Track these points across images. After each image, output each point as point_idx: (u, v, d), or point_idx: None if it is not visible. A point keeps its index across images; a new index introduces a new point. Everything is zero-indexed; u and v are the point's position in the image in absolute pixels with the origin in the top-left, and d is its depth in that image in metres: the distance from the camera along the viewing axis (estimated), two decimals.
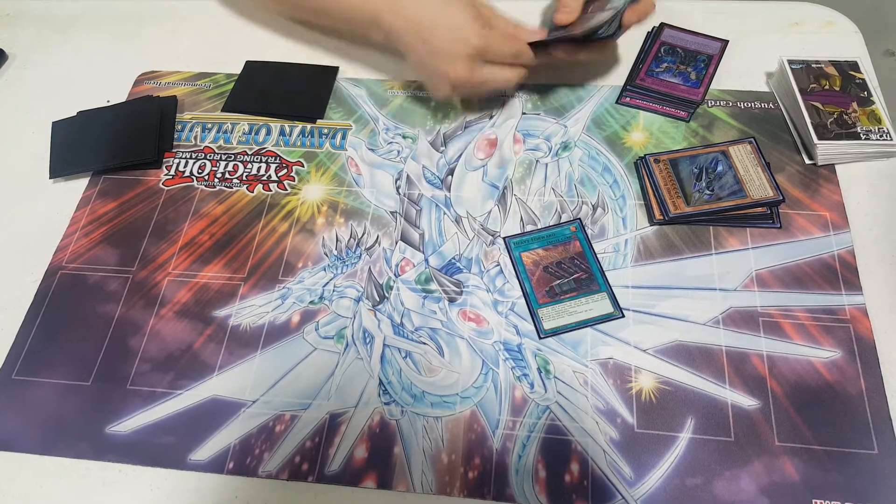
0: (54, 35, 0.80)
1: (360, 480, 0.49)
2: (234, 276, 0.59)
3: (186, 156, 0.67)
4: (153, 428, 0.52)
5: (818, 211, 0.58)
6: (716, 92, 0.66)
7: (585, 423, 0.50)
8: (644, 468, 0.48)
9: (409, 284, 0.57)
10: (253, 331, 0.56)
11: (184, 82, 0.73)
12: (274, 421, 0.52)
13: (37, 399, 0.54)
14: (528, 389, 0.52)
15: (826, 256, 0.56)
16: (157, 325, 0.57)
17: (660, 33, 0.70)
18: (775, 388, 0.50)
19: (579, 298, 0.55)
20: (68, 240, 0.62)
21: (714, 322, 0.54)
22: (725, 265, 0.56)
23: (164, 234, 0.62)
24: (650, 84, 0.66)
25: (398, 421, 0.51)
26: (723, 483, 0.47)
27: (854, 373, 0.51)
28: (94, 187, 0.65)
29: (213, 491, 0.49)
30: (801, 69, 0.64)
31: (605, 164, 0.63)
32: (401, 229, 0.61)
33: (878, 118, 0.60)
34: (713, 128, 0.64)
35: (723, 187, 0.59)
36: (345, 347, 0.55)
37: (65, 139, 0.68)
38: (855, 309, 0.53)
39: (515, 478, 0.48)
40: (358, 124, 0.68)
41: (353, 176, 0.64)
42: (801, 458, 0.48)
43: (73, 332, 0.57)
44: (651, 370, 0.52)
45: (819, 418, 0.49)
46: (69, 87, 0.74)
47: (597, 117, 0.66)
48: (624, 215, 0.60)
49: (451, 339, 0.55)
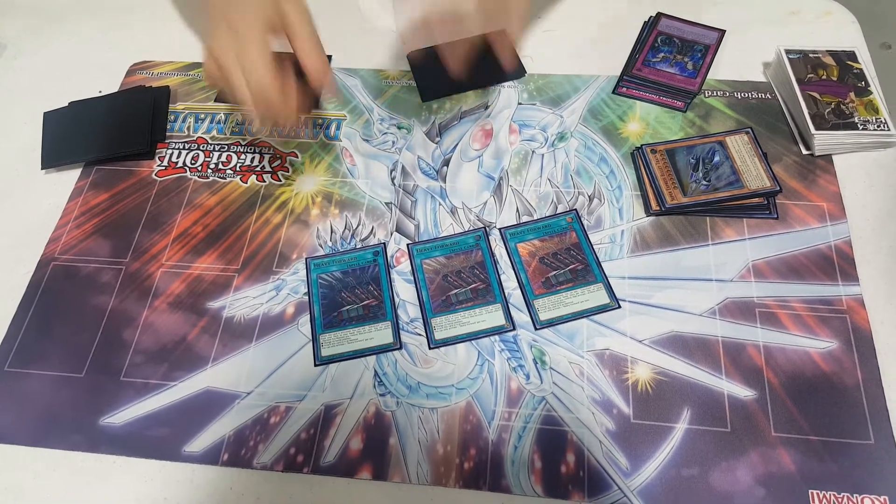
0: (45, 25, 0.79)
1: (356, 472, 0.49)
2: (228, 268, 0.58)
3: (179, 146, 0.66)
4: (147, 420, 0.51)
5: (815, 201, 0.58)
6: (713, 82, 0.66)
7: (581, 414, 0.50)
8: (640, 459, 0.48)
9: (403, 276, 0.57)
10: (247, 322, 0.55)
11: (176, 72, 0.72)
12: (269, 412, 0.51)
13: (30, 391, 0.53)
14: (524, 380, 0.52)
15: (823, 247, 0.56)
16: (150, 317, 0.56)
17: (657, 23, 0.69)
18: (772, 379, 0.50)
19: (575, 289, 0.55)
20: (60, 231, 0.61)
21: (710, 313, 0.53)
22: (722, 256, 0.56)
23: (157, 226, 0.61)
24: (647, 74, 0.65)
25: (393, 412, 0.51)
26: (719, 474, 0.47)
27: (850, 363, 0.50)
28: (86, 178, 0.65)
29: (208, 483, 0.49)
30: (799, 59, 0.63)
31: (601, 155, 0.62)
32: (396, 220, 0.60)
33: (875, 108, 0.60)
34: (710, 118, 0.64)
35: (719, 178, 0.58)
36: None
37: (57, 130, 0.68)
38: (851, 299, 0.53)
39: (511, 469, 0.48)
40: (352, 115, 0.67)
41: (348, 167, 0.64)
42: (797, 448, 0.48)
43: (66, 324, 0.56)
44: (647, 361, 0.52)
45: (815, 409, 0.49)
46: (61, 77, 0.73)
47: (593, 107, 0.66)
48: (620, 206, 0.59)
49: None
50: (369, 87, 0.69)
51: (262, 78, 0.48)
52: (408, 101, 0.68)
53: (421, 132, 0.66)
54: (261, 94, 0.49)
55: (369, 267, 0.57)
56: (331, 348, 0.53)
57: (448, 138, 0.65)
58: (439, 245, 0.58)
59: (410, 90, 0.69)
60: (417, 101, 0.68)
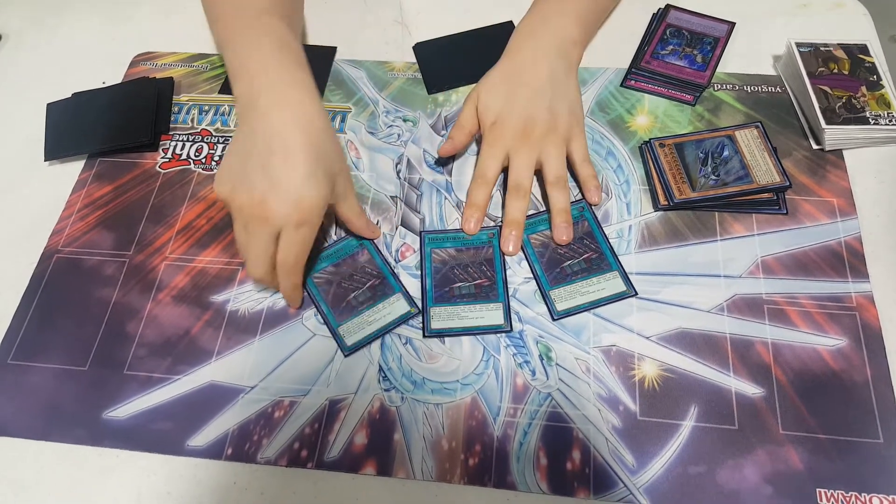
0: (49, 15, 0.78)
1: (360, 467, 0.48)
2: (232, 261, 0.58)
3: (183, 138, 0.66)
4: (150, 413, 0.51)
5: (825, 197, 0.57)
6: (722, 75, 0.65)
7: (587, 410, 0.50)
8: (646, 456, 0.48)
9: (409, 270, 0.57)
10: (251, 316, 0.55)
11: (180, 63, 0.72)
12: (273, 407, 0.51)
13: (33, 384, 0.53)
14: (530, 376, 0.51)
15: (833, 243, 0.55)
16: (154, 310, 0.56)
17: (665, 15, 0.68)
18: (780, 376, 0.50)
19: (591, 278, 0.54)
20: (64, 223, 0.61)
21: (718, 309, 0.53)
22: (730, 252, 0.55)
23: (160, 218, 0.61)
24: (655, 67, 0.65)
25: (398, 407, 0.51)
26: (726, 471, 0.47)
27: (860, 361, 0.50)
28: (89, 170, 0.64)
29: (211, 477, 0.49)
30: (810, 52, 0.62)
31: (609, 149, 0.62)
32: (401, 214, 0.60)
33: (887, 103, 0.59)
34: (719, 112, 0.63)
35: (729, 172, 0.58)
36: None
37: (60, 121, 0.67)
38: (861, 296, 0.52)
39: (516, 465, 0.48)
40: (357, 107, 0.67)
41: (353, 160, 0.63)
42: (805, 446, 0.47)
43: (70, 317, 0.56)
44: (654, 357, 0.51)
45: (824, 407, 0.48)
46: (64, 68, 0.73)
47: (601, 100, 0.65)
48: (628, 200, 0.59)
49: None
50: (374, 80, 0.68)
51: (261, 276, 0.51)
52: (413, 94, 0.67)
53: (427, 125, 0.65)
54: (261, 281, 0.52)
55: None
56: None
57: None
58: (452, 237, 0.57)
59: (416, 82, 0.68)
60: (423, 94, 0.67)
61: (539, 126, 0.55)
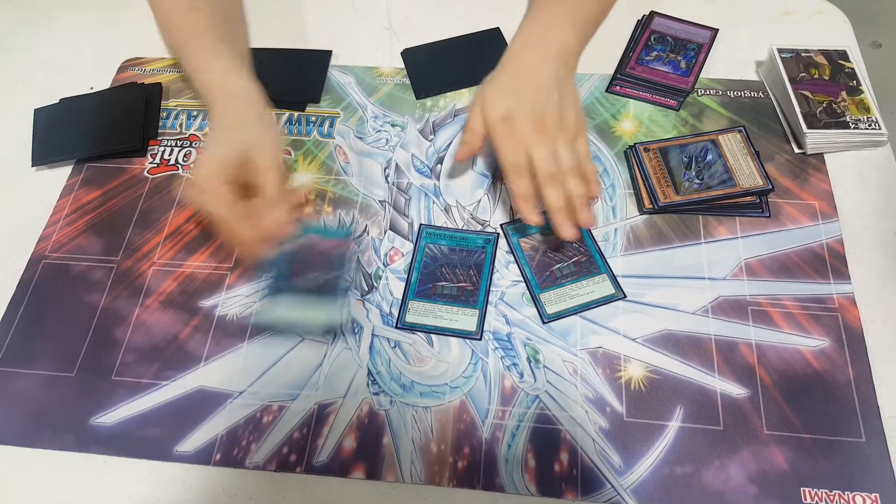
0: (37, 20, 0.78)
1: (349, 471, 0.49)
2: (221, 266, 0.58)
3: (171, 143, 0.66)
4: (138, 419, 0.51)
5: (807, 200, 0.58)
6: (706, 81, 0.66)
7: (575, 412, 0.50)
8: (633, 457, 0.48)
9: (397, 274, 0.57)
10: (240, 321, 0.55)
11: (169, 69, 0.72)
12: (261, 412, 0.51)
13: (20, 390, 0.53)
14: (518, 379, 0.52)
15: (815, 245, 0.56)
16: (142, 316, 0.56)
17: (650, 22, 0.69)
18: (764, 377, 0.50)
19: (580, 281, 0.55)
20: (51, 229, 0.61)
21: (703, 311, 0.53)
22: (714, 254, 0.56)
23: (149, 223, 0.61)
24: (640, 73, 0.65)
25: (387, 411, 0.51)
26: (712, 472, 0.47)
27: (842, 361, 0.51)
28: (77, 175, 0.64)
29: (200, 483, 0.49)
30: (791, 58, 0.63)
31: (594, 153, 0.62)
32: (389, 218, 0.60)
33: (866, 107, 0.60)
34: (703, 116, 0.64)
35: (712, 176, 0.58)
36: (333, 338, 0.54)
37: (47, 126, 0.67)
38: (843, 297, 0.53)
39: (505, 467, 0.48)
40: (346, 112, 0.67)
41: (341, 164, 0.63)
42: (789, 446, 0.48)
43: (57, 323, 0.56)
44: (640, 359, 0.52)
45: (807, 407, 0.49)
46: (52, 73, 0.73)
47: (587, 106, 0.66)
48: (613, 204, 0.59)
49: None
50: (363, 85, 0.69)
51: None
52: (402, 99, 0.68)
53: (415, 130, 0.65)
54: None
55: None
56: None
57: (442, 136, 0.65)
58: (449, 235, 0.58)
59: (405, 87, 0.68)
60: (411, 99, 0.67)
61: (551, 121, 0.55)
